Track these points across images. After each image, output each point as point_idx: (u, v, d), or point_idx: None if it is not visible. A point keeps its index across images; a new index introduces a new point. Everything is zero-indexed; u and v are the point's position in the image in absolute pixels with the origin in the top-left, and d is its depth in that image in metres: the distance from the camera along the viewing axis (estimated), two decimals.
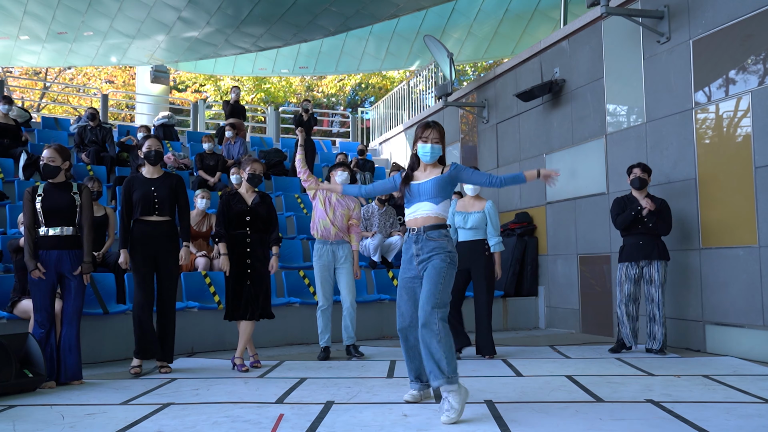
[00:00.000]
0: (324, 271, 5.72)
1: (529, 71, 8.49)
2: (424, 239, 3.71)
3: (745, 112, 5.48)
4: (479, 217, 5.63)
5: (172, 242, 5.16)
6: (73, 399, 4.16)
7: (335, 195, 5.79)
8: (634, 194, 5.86)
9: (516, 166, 8.67)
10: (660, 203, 5.76)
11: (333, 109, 26.17)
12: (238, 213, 5.23)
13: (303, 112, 10.79)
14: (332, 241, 5.73)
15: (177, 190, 5.20)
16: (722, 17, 5.66)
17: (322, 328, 5.78)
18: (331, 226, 5.71)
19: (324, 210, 5.75)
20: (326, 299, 5.75)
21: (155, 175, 5.20)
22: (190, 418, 3.57)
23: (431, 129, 3.80)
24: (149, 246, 5.05)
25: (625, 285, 5.78)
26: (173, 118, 12.44)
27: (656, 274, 5.64)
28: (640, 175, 5.79)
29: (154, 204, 5.07)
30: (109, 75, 26.00)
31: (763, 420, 3.36)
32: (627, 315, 5.76)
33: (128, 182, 5.19)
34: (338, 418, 3.53)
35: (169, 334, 5.15)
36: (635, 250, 5.72)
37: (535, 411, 3.62)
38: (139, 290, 5.04)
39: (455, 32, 16.38)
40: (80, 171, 9.07)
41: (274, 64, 18.72)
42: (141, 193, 5.08)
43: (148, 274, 5.07)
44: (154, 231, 5.07)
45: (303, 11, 12.07)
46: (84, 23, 13.07)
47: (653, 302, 5.64)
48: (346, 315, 5.77)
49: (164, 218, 5.12)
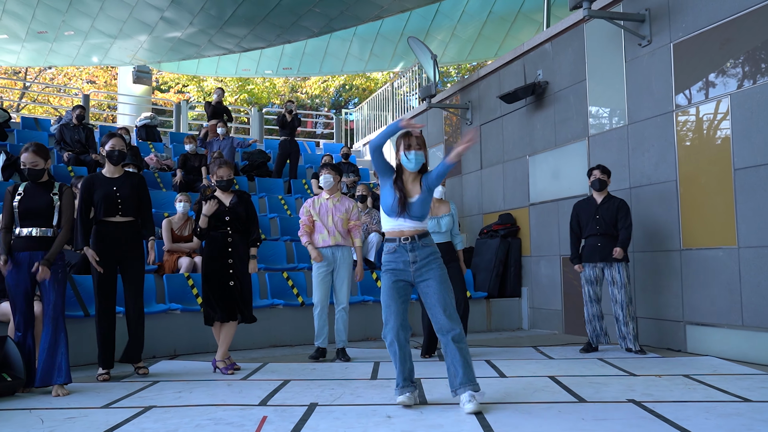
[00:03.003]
0: (323, 273, 5.71)
1: (513, 73, 8.53)
2: (419, 246, 3.80)
3: (724, 114, 5.55)
4: (449, 220, 5.68)
5: (136, 244, 5.02)
6: (53, 402, 4.11)
7: (331, 201, 5.79)
8: (594, 196, 5.97)
9: (499, 168, 8.71)
10: (618, 204, 5.84)
11: (317, 111, 26.12)
12: (217, 213, 5.15)
13: (287, 113, 10.77)
14: (333, 245, 5.72)
15: (139, 190, 5.06)
16: (702, 21, 5.73)
17: (318, 329, 5.77)
18: (330, 237, 5.69)
19: (321, 223, 5.72)
20: (323, 301, 5.74)
21: (116, 175, 5.04)
22: (173, 421, 3.54)
23: (412, 136, 3.83)
24: (113, 249, 4.89)
25: (586, 286, 5.94)
26: (156, 119, 12.36)
27: (617, 275, 5.74)
28: (599, 176, 5.91)
29: (118, 204, 4.91)
30: (90, 75, 25.78)
31: (742, 419, 3.40)
32: (591, 314, 5.93)
33: (88, 181, 4.98)
34: (322, 419, 3.52)
35: (139, 336, 5.03)
36: (593, 252, 5.85)
37: (519, 412, 3.63)
38: (102, 297, 4.89)
39: (439, 34, 16.44)
40: (61, 172, 8.98)
41: (258, 65, 18.67)
42: (103, 193, 4.90)
43: (111, 278, 4.91)
44: (118, 232, 4.92)
45: (287, 12, 12.06)
46: (65, 23, 12.94)
47: (616, 303, 5.75)
48: (339, 318, 5.75)
49: (128, 219, 4.97)
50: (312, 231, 5.78)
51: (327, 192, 5.85)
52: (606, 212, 5.84)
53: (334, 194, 5.86)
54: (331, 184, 5.82)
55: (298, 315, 6.86)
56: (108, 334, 4.94)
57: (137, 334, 5.04)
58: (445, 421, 3.44)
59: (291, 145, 10.83)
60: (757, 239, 5.23)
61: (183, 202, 7.18)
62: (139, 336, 5.05)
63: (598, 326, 5.92)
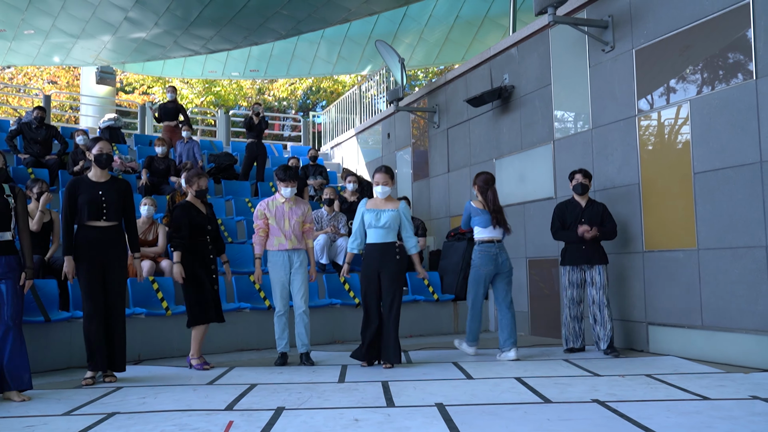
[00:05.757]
0: (280, 277, 5.67)
1: (479, 77, 8.61)
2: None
3: (684, 119, 5.68)
4: (392, 216, 5.40)
5: (120, 249, 4.99)
6: (11, 411, 4.01)
7: (287, 204, 5.73)
8: (576, 199, 6.03)
9: (467, 171, 8.78)
10: (602, 209, 5.94)
11: (284, 113, 26.00)
12: (199, 224, 5.47)
13: (254, 115, 10.68)
14: (289, 249, 5.67)
15: (125, 196, 5.03)
16: (663, 28, 5.86)
17: (279, 334, 5.72)
18: (287, 241, 5.64)
19: (277, 227, 5.66)
20: (283, 305, 5.69)
21: (102, 179, 4.99)
22: (136, 428, 3.48)
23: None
24: (97, 253, 4.85)
25: (569, 289, 5.96)
26: (120, 121, 12.14)
27: (598, 277, 5.81)
28: (581, 180, 5.98)
29: (102, 208, 4.88)
30: (51, 75, 25.25)
31: (702, 417, 3.48)
32: (570, 317, 5.97)
33: (73, 185, 4.93)
34: (289, 423, 3.50)
35: (120, 343, 4.97)
36: (577, 255, 5.88)
37: (485, 413, 3.66)
38: (88, 300, 4.83)
39: (406, 37, 16.50)
40: (21, 174, 8.77)
41: (225, 66, 18.50)
42: (88, 197, 4.86)
43: (97, 282, 4.86)
44: (102, 237, 4.88)
45: (254, 14, 11.97)
46: (24, 21, 12.65)
47: (595, 304, 5.82)
48: (299, 322, 5.67)
49: (112, 223, 4.94)
50: (267, 235, 5.72)
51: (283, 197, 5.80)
52: (592, 216, 5.89)
53: (290, 198, 5.80)
54: (293, 195, 5.78)
55: (264, 318, 6.81)
56: (99, 337, 4.86)
57: (120, 340, 4.98)
58: (413, 423, 3.45)
59: (258, 147, 10.75)
60: (715, 241, 5.37)
61: (148, 205, 7.06)
62: (121, 342, 4.99)
63: (578, 327, 5.96)
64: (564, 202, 6.14)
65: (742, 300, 5.14)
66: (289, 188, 5.75)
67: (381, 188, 5.48)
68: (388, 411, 3.75)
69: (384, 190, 5.49)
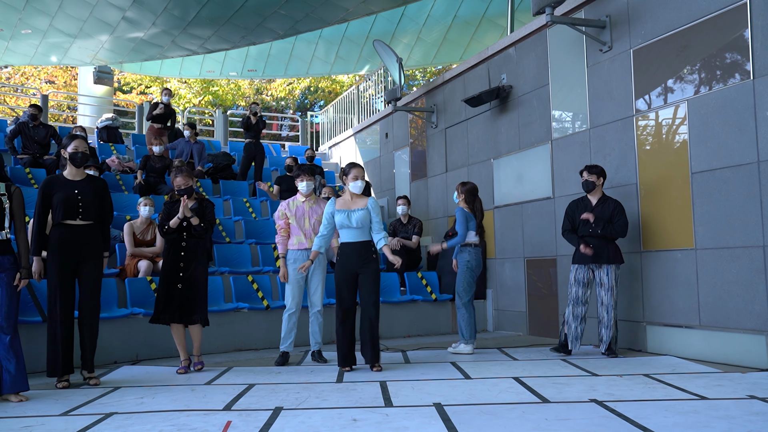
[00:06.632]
0: (298, 275, 5.68)
1: (477, 77, 8.61)
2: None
3: (682, 119, 5.69)
4: (363, 215, 5.25)
5: (95, 248, 4.89)
6: (9, 411, 4.00)
7: (307, 203, 5.81)
8: (589, 196, 5.90)
9: (464, 171, 8.78)
10: (614, 205, 5.77)
11: (282, 113, 25.98)
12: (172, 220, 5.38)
13: (251, 115, 10.68)
14: (309, 248, 5.68)
15: (102, 195, 4.94)
16: (661, 28, 5.87)
17: (285, 333, 5.71)
18: (307, 240, 5.69)
19: (297, 226, 5.73)
20: (295, 303, 5.72)
21: (78, 177, 4.89)
22: (134, 428, 3.48)
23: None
24: (71, 252, 4.76)
25: (574, 287, 5.78)
26: (117, 120, 12.14)
27: (606, 278, 5.67)
28: (587, 177, 5.84)
29: (78, 207, 4.78)
30: (49, 75, 25.20)
31: (699, 416, 3.48)
32: (573, 316, 5.76)
33: (47, 183, 4.82)
34: (287, 423, 3.50)
35: (91, 343, 4.88)
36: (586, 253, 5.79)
37: (484, 413, 3.66)
38: (57, 302, 4.71)
39: (404, 37, 16.50)
40: (18, 174, 8.75)
41: (223, 66, 18.48)
42: (63, 195, 4.76)
43: (68, 283, 4.77)
44: (77, 236, 4.78)
45: (252, 14, 11.95)
46: (21, 20, 12.62)
47: (602, 305, 5.68)
48: (314, 320, 5.76)
49: (88, 222, 4.84)
50: (289, 234, 5.79)
51: (303, 195, 5.85)
52: (601, 213, 5.75)
53: (310, 197, 5.88)
54: (311, 188, 5.85)
55: (263, 318, 6.81)
56: (68, 338, 4.80)
57: (91, 339, 4.87)
58: (411, 423, 3.45)
59: (256, 147, 10.75)
60: (713, 241, 5.37)
61: (147, 206, 7.04)
62: (92, 342, 4.88)
63: (579, 329, 5.74)
64: (576, 200, 6.00)
65: (739, 300, 5.15)
66: (305, 182, 5.80)
67: (360, 182, 5.34)
68: (387, 411, 3.75)
69: (361, 185, 5.35)
